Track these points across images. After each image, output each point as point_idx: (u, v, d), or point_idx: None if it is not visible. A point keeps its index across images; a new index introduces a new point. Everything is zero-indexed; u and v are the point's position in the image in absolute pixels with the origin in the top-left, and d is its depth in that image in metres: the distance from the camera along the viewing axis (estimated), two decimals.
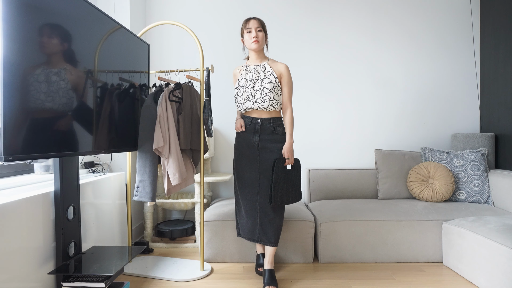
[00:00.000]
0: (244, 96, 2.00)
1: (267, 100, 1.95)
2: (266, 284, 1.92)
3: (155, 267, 2.20)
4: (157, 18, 3.13)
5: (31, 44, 1.28)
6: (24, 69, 1.25)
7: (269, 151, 1.97)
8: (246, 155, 2.01)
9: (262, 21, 2.01)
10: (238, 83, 2.03)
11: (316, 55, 3.12)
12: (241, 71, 2.06)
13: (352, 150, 3.15)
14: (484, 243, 1.88)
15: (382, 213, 2.36)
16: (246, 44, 2.02)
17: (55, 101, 1.40)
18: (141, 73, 2.22)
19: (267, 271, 1.98)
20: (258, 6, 3.12)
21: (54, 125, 1.40)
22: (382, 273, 2.13)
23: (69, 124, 1.49)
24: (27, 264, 1.49)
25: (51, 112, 1.38)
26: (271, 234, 1.95)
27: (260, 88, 1.97)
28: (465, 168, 2.67)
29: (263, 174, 1.96)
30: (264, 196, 1.95)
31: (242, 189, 2.01)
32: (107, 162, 2.58)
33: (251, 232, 2.01)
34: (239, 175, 2.02)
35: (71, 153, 1.51)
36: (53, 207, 1.66)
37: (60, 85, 1.42)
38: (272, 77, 1.97)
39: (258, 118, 2.00)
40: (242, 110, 2.04)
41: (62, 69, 1.44)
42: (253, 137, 2.00)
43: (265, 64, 2.01)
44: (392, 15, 3.12)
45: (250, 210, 1.98)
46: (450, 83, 3.13)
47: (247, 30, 1.98)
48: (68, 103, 1.48)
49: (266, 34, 2.02)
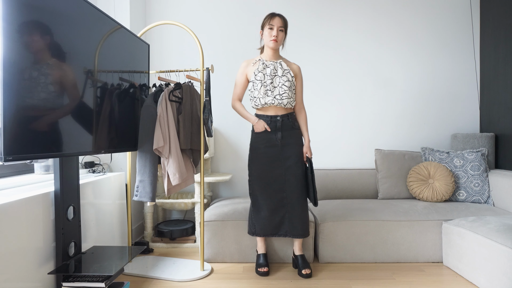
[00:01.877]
0: (262, 91, 2.02)
1: (285, 97, 2.01)
2: (302, 268, 2.06)
3: (155, 267, 2.20)
4: (157, 18, 3.13)
5: (30, 44, 1.28)
6: (24, 69, 1.25)
7: (291, 147, 2.05)
8: (267, 154, 2.05)
9: (285, 21, 2.04)
10: (255, 77, 2.05)
11: (316, 55, 3.12)
12: (257, 65, 2.07)
13: (352, 150, 3.15)
14: (484, 243, 1.88)
15: (382, 213, 2.36)
16: (264, 40, 2.06)
17: (55, 101, 1.40)
18: (141, 73, 2.22)
19: (300, 256, 2.13)
20: (259, 6, 3.12)
21: (54, 125, 1.40)
22: (382, 273, 2.13)
23: (69, 124, 1.49)
24: (27, 264, 1.49)
25: (51, 112, 1.38)
26: (300, 227, 2.05)
27: (279, 85, 2.02)
28: (465, 168, 2.67)
29: (288, 171, 2.03)
30: (291, 193, 2.04)
31: (265, 189, 2.05)
32: (107, 162, 2.59)
33: (276, 228, 2.08)
34: (261, 176, 2.05)
35: (71, 153, 1.51)
36: (53, 207, 1.66)
37: (59, 85, 1.42)
38: (289, 75, 2.04)
39: (276, 116, 2.05)
40: (259, 105, 2.07)
41: (62, 69, 1.44)
42: (275, 135, 2.04)
43: (281, 62, 2.07)
44: (392, 15, 3.12)
45: (276, 208, 2.06)
46: (450, 83, 3.13)
47: (269, 26, 2.01)
48: (68, 103, 1.48)
49: (286, 34, 2.06)
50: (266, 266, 2.11)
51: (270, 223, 2.07)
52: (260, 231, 2.10)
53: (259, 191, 2.06)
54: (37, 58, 1.31)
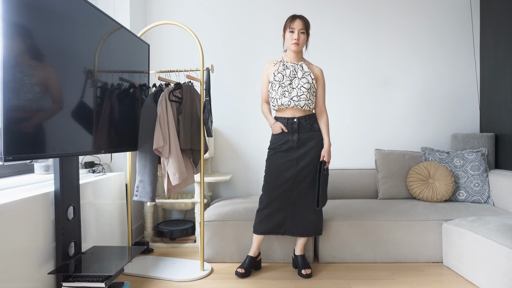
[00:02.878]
0: (280, 92, 2.02)
1: (303, 99, 2.01)
2: (302, 268, 2.08)
3: (155, 267, 2.20)
4: (157, 18, 3.13)
5: (30, 44, 1.28)
6: (24, 69, 1.25)
7: (307, 149, 2.04)
8: (283, 155, 2.05)
9: (307, 22, 2.03)
10: (274, 78, 2.05)
11: (315, 55, 3.12)
12: (277, 66, 2.08)
13: (352, 150, 3.15)
14: (484, 243, 1.88)
15: (382, 213, 2.36)
16: (286, 43, 2.07)
17: (55, 101, 1.40)
18: (141, 73, 2.22)
19: (300, 257, 2.14)
20: (259, 6, 3.12)
21: (54, 125, 1.40)
22: (382, 273, 2.13)
23: (69, 124, 1.49)
24: (27, 264, 1.49)
25: (51, 112, 1.38)
26: (302, 227, 2.06)
27: (297, 87, 2.01)
28: (465, 168, 2.67)
29: (299, 172, 2.03)
30: (298, 193, 2.05)
31: (275, 188, 2.04)
32: (107, 162, 2.59)
33: (278, 226, 2.07)
34: (275, 176, 2.04)
35: (71, 153, 1.51)
36: (53, 207, 1.66)
37: (59, 85, 1.42)
38: (309, 77, 2.03)
39: (293, 118, 2.04)
40: (276, 106, 2.07)
41: (62, 69, 1.44)
42: (292, 137, 2.04)
43: (302, 64, 2.07)
44: (392, 15, 3.12)
45: (282, 206, 2.06)
46: (450, 83, 3.13)
47: (290, 29, 2.02)
48: (68, 103, 1.48)
49: (308, 35, 2.05)
50: (245, 268, 2.08)
51: (274, 220, 2.06)
52: (257, 228, 2.08)
53: (269, 190, 2.05)
54: (37, 58, 1.31)
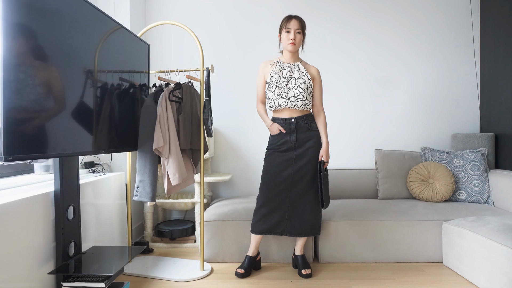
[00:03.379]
0: (277, 93, 2.02)
1: (300, 99, 2.01)
2: (302, 268, 2.08)
3: (155, 267, 2.20)
4: (157, 18, 3.13)
5: (30, 44, 1.28)
6: (24, 69, 1.25)
7: (305, 149, 2.04)
8: (280, 155, 2.05)
9: (303, 22, 2.03)
10: (271, 79, 2.05)
11: (315, 55, 3.12)
12: (274, 67, 2.08)
13: (352, 150, 3.15)
14: (484, 243, 1.88)
15: (382, 213, 2.36)
16: (283, 43, 2.07)
17: (55, 101, 1.40)
18: (141, 73, 2.22)
19: (299, 257, 2.14)
20: (259, 6, 3.12)
21: (54, 125, 1.40)
22: (382, 273, 2.13)
23: (69, 124, 1.49)
24: (27, 264, 1.49)
25: (51, 112, 1.38)
26: (299, 227, 2.06)
27: (294, 87, 2.01)
28: (465, 168, 2.67)
29: (297, 172, 2.03)
30: (295, 193, 2.04)
31: (275, 187, 2.04)
32: (107, 162, 2.59)
33: (276, 226, 2.06)
34: (273, 175, 2.04)
35: (71, 153, 1.51)
36: (53, 207, 1.66)
37: (59, 85, 1.42)
38: (306, 78, 2.03)
39: (291, 118, 2.04)
40: (273, 107, 2.07)
41: (62, 69, 1.44)
42: (290, 137, 2.04)
43: (298, 65, 2.07)
44: (392, 15, 3.12)
45: (279, 206, 2.06)
46: (450, 83, 3.13)
47: (286, 29, 2.02)
48: (68, 103, 1.48)
49: (304, 35, 2.06)
50: (245, 268, 2.08)
51: (271, 220, 2.05)
52: (255, 228, 2.07)
53: (266, 189, 2.06)
54: (37, 58, 1.31)
